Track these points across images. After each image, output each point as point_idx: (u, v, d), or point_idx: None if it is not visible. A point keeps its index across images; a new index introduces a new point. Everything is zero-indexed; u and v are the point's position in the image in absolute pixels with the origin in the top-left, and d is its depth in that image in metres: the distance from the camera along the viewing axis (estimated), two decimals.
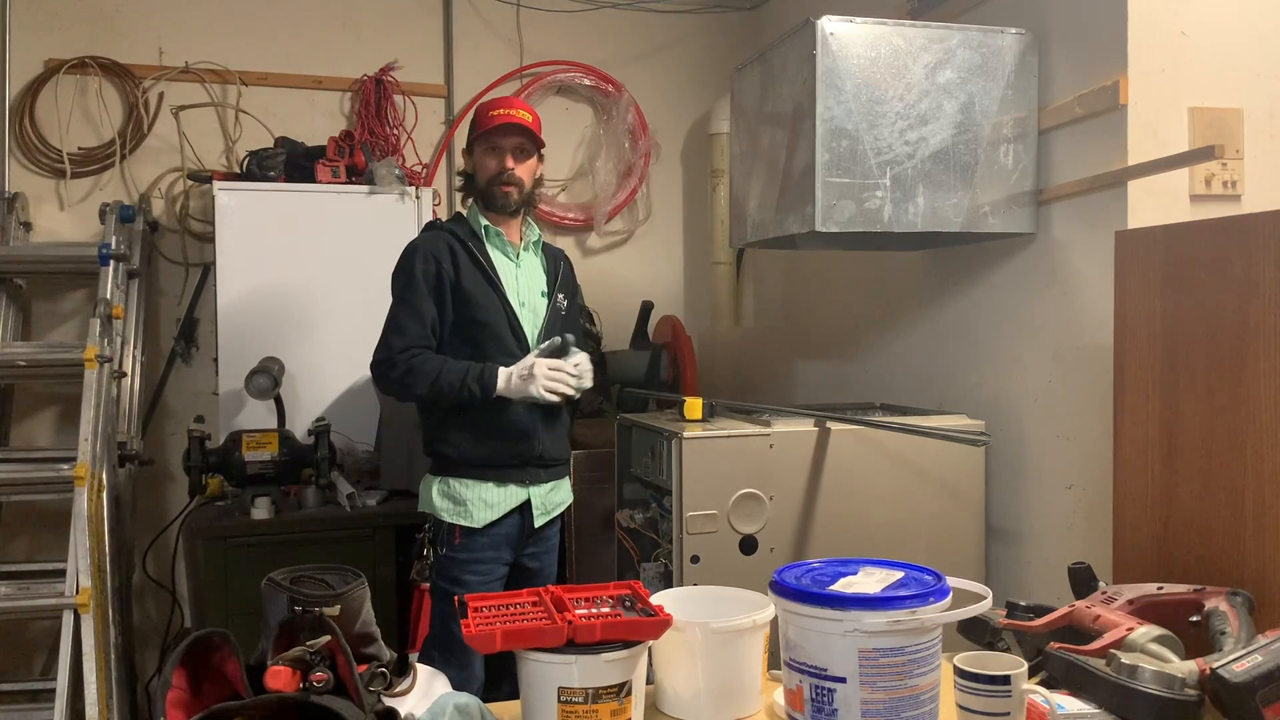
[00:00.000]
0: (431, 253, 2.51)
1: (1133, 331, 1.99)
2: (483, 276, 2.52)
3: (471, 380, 2.42)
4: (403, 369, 2.44)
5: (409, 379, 2.44)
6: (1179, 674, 1.40)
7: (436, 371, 2.43)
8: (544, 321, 2.59)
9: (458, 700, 1.42)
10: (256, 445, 3.04)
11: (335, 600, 1.39)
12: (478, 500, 2.49)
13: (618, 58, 4.11)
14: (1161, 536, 1.93)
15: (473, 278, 2.51)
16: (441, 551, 2.50)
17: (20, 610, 3.05)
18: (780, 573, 1.49)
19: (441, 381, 2.42)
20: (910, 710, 1.37)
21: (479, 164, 2.59)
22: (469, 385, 2.42)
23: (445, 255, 2.51)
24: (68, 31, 3.58)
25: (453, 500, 2.50)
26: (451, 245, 2.53)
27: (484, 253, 2.54)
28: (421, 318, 2.47)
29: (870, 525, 2.50)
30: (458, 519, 2.48)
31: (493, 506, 2.49)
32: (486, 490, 2.49)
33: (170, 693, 1.33)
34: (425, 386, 2.43)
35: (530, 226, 2.66)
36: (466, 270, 2.51)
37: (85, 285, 3.55)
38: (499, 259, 2.57)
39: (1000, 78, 2.47)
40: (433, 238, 2.56)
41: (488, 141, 2.56)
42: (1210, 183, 2.30)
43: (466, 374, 2.43)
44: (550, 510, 2.60)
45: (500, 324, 2.51)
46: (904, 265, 3.11)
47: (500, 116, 2.54)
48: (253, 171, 3.43)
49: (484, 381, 2.43)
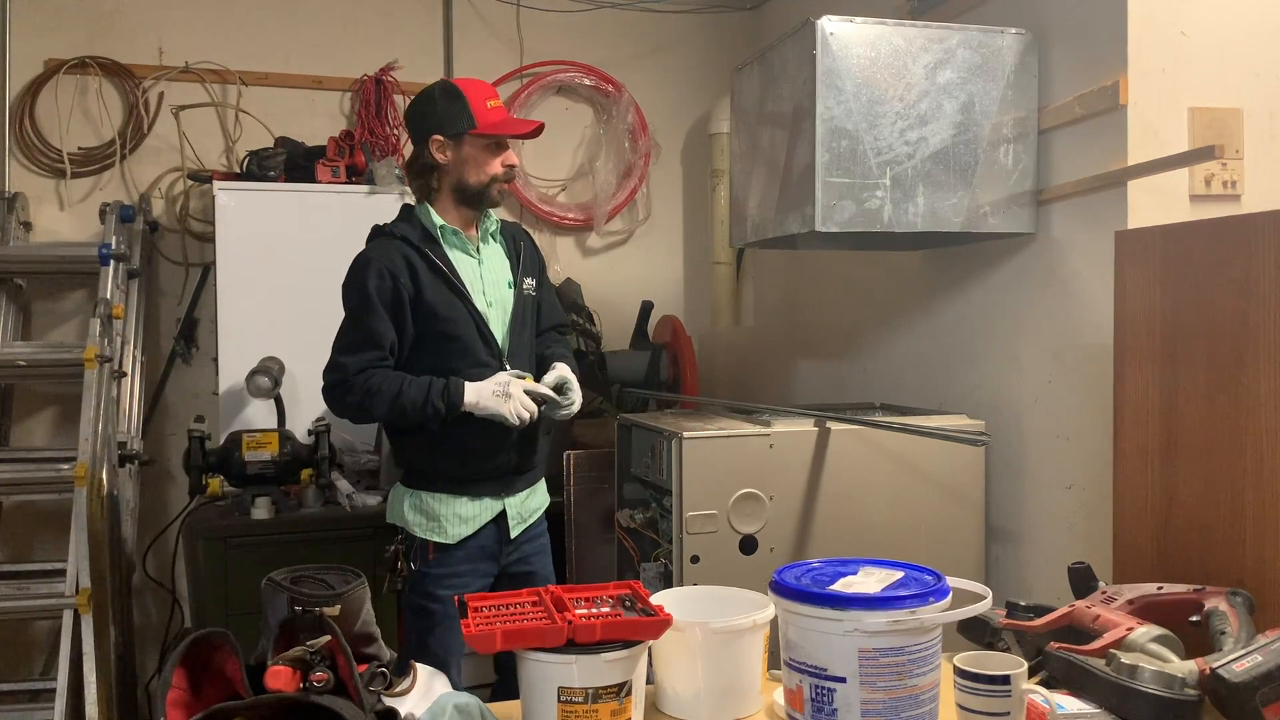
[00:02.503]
0: (387, 268, 2.29)
1: (1132, 331, 1.99)
2: (445, 285, 2.32)
3: (435, 397, 2.25)
4: (360, 392, 2.26)
5: (367, 401, 2.26)
6: (1179, 674, 1.41)
7: (396, 390, 2.25)
8: (513, 313, 2.41)
9: (458, 700, 1.42)
10: (256, 445, 3.04)
11: (335, 600, 1.39)
12: (451, 515, 2.35)
13: (618, 58, 4.11)
14: (1161, 536, 1.93)
15: (434, 288, 2.31)
16: (415, 566, 2.36)
17: (20, 610, 3.05)
18: (780, 573, 1.49)
19: (403, 400, 2.25)
20: (910, 710, 1.37)
21: (474, 160, 2.35)
22: (433, 402, 2.24)
23: (402, 269, 2.29)
24: (68, 31, 3.58)
25: (425, 515, 2.35)
26: (407, 255, 2.31)
27: (443, 256, 2.33)
28: (378, 338, 2.28)
29: (870, 525, 2.50)
30: (431, 535, 2.34)
31: (467, 521, 2.36)
32: (460, 505, 2.35)
33: (170, 693, 1.34)
34: (385, 408, 2.26)
35: (488, 215, 2.44)
36: (427, 281, 2.30)
37: (85, 285, 3.55)
38: (459, 259, 2.37)
39: (1000, 78, 2.47)
40: (384, 248, 2.33)
41: (494, 139, 2.36)
42: (1210, 183, 2.30)
43: (429, 390, 2.25)
44: (527, 518, 2.47)
45: (469, 335, 2.33)
46: (904, 265, 3.11)
47: (515, 123, 2.41)
48: (253, 171, 3.43)
49: (449, 398, 2.25)
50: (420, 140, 2.38)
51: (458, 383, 2.27)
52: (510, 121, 2.44)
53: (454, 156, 2.35)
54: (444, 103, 2.34)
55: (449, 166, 2.35)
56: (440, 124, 2.34)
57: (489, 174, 2.37)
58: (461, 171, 2.35)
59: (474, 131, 2.33)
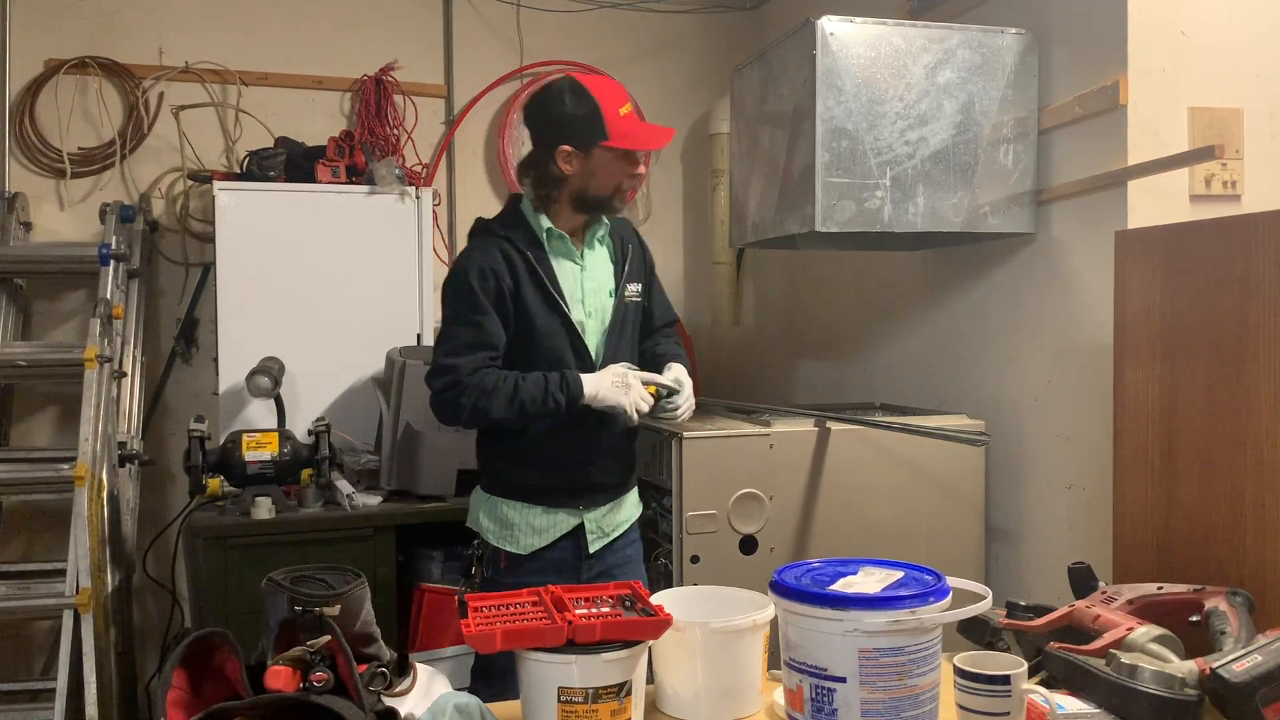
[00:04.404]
0: (490, 267, 2.18)
1: (1132, 331, 1.99)
2: (543, 293, 2.21)
3: (555, 390, 2.15)
4: (475, 393, 2.14)
5: (483, 402, 2.14)
6: (1179, 674, 1.41)
7: (513, 387, 2.14)
8: (611, 321, 2.30)
9: (458, 700, 1.42)
10: (256, 445, 3.04)
11: (335, 600, 1.39)
12: (525, 525, 2.26)
13: (618, 58, 4.11)
14: (1161, 536, 1.93)
15: (532, 294, 2.21)
16: (488, 574, 2.29)
17: (20, 610, 3.05)
18: (780, 573, 1.49)
19: (521, 395, 2.14)
20: (910, 710, 1.37)
21: (604, 169, 2.19)
22: (553, 395, 2.14)
23: (504, 269, 2.19)
24: (68, 31, 3.58)
25: (499, 523, 2.28)
26: (509, 255, 2.20)
27: (545, 263, 2.22)
28: (490, 338, 2.17)
29: (870, 525, 2.51)
30: (503, 543, 2.27)
31: (541, 533, 2.27)
32: (535, 515, 2.26)
33: (170, 693, 1.34)
34: (503, 407, 2.14)
35: (599, 220, 2.31)
36: (526, 285, 2.20)
37: (85, 285, 3.55)
38: (562, 266, 2.25)
39: (1000, 78, 2.47)
40: (487, 247, 2.22)
41: (627, 150, 2.19)
42: (1210, 183, 2.30)
43: (547, 384, 2.15)
44: (610, 533, 2.34)
45: (561, 345, 2.23)
46: (904, 265, 3.11)
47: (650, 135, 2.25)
48: (253, 171, 3.43)
49: (569, 390, 2.15)
50: (544, 145, 2.21)
51: (575, 375, 2.18)
52: (645, 133, 2.25)
53: (580, 168, 2.19)
54: (575, 109, 2.16)
55: (573, 177, 2.20)
56: (570, 134, 2.17)
57: (615, 182, 2.22)
58: (586, 182, 2.20)
59: (606, 144, 2.16)
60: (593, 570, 2.31)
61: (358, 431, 3.40)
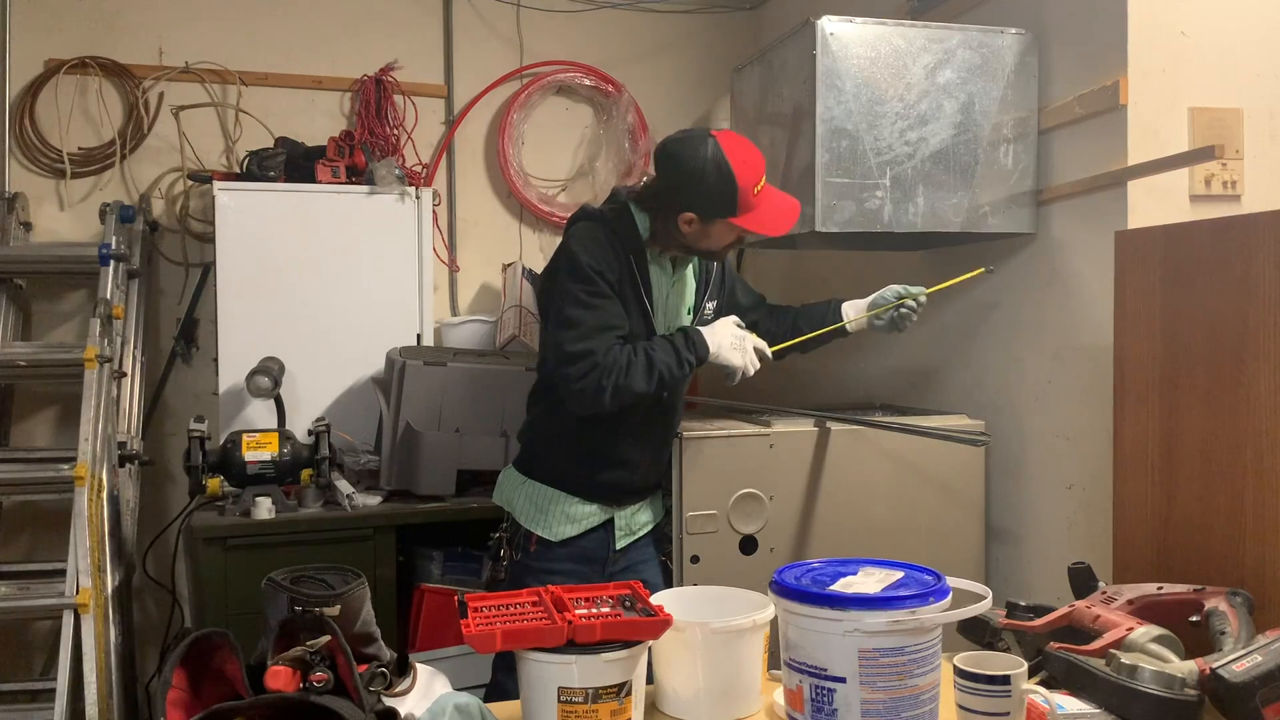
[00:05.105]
0: (603, 255, 2.18)
1: (1132, 331, 1.99)
2: (635, 298, 2.21)
3: (684, 350, 2.14)
4: (616, 371, 2.09)
5: (623, 378, 2.10)
6: (1179, 674, 1.41)
7: (647, 358, 2.11)
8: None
9: (458, 700, 1.42)
10: (256, 445, 3.04)
11: (335, 600, 1.39)
12: (559, 512, 2.29)
13: (618, 58, 4.11)
14: (1161, 536, 1.93)
15: (629, 296, 2.21)
16: (517, 556, 2.30)
17: (20, 610, 3.04)
18: (780, 573, 1.49)
19: (657, 363, 2.11)
20: (910, 710, 1.37)
21: (719, 235, 2.19)
22: (685, 357, 2.14)
23: (612, 263, 2.18)
24: (68, 31, 3.58)
25: (534, 505, 2.29)
26: (615, 248, 2.19)
27: (644, 269, 2.22)
28: (617, 319, 2.15)
29: (870, 525, 2.50)
30: (535, 526, 2.28)
31: (575, 521, 2.30)
32: (571, 504, 2.29)
33: (170, 693, 1.34)
34: (643, 379, 2.11)
35: None
36: (625, 286, 2.20)
37: (85, 285, 3.54)
38: (655, 275, 2.26)
39: (1000, 78, 2.47)
40: (595, 233, 2.20)
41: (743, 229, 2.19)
42: (1210, 183, 2.30)
43: (674, 347, 2.15)
44: (635, 531, 2.40)
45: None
46: (904, 265, 3.11)
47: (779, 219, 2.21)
48: (253, 171, 3.43)
49: (697, 350, 2.16)
50: (671, 199, 2.18)
51: (697, 331, 2.19)
52: (770, 218, 2.20)
53: (699, 231, 2.19)
54: (715, 186, 2.12)
55: (688, 235, 2.20)
56: (700, 206, 2.15)
57: (724, 245, 2.25)
58: (698, 241, 2.21)
59: (731, 220, 2.16)
60: (618, 564, 2.37)
61: (358, 431, 3.40)
